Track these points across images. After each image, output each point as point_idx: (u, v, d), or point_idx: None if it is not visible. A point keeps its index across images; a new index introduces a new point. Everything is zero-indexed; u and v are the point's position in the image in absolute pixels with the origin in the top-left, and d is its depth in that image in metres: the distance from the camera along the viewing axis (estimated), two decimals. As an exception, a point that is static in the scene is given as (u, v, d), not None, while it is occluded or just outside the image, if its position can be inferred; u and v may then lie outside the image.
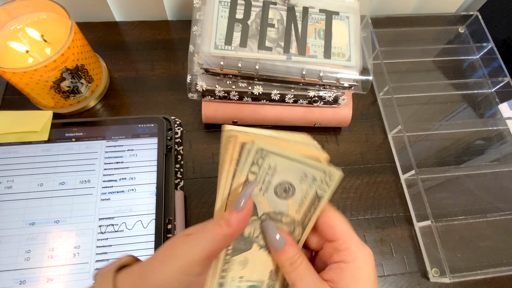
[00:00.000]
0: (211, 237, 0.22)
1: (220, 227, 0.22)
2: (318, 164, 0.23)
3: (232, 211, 0.23)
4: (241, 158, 0.24)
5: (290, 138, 0.26)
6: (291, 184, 0.24)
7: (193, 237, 0.23)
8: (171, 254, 0.22)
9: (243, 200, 0.23)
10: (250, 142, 0.23)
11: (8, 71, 0.38)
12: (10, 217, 0.37)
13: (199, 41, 0.41)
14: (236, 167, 0.24)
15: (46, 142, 0.41)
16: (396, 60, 0.57)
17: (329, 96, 0.44)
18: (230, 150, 0.24)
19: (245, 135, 0.24)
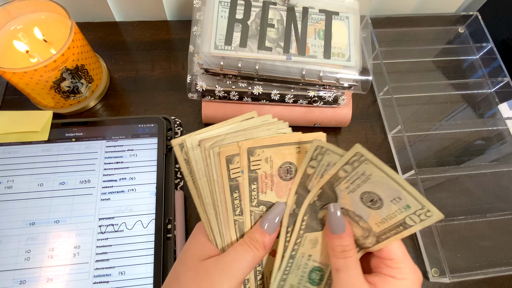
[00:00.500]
0: (249, 260, 0.23)
1: (258, 251, 0.24)
2: (419, 196, 0.22)
3: (265, 234, 0.24)
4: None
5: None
6: (380, 198, 0.24)
7: (229, 263, 0.23)
8: (209, 285, 0.23)
9: (274, 223, 0.24)
10: (236, 149, 0.24)
11: (8, 71, 0.38)
12: (10, 217, 0.37)
13: (199, 41, 0.41)
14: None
15: (46, 142, 0.41)
16: (396, 60, 0.57)
17: (329, 96, 0.44)
18: (213, 166, 0.24)
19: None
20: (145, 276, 0.36)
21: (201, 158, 0.25)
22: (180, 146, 0.25)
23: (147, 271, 0.36)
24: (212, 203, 0.25)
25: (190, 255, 0.25)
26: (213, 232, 0.25)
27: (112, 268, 0.36)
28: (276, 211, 0.25)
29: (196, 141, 0.25)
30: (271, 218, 0.25)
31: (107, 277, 0.36)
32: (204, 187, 0.25)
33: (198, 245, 0.25)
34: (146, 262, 0.37)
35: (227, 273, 0.23)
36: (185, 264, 0.24)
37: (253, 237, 0.24)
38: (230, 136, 0.25)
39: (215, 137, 0.25)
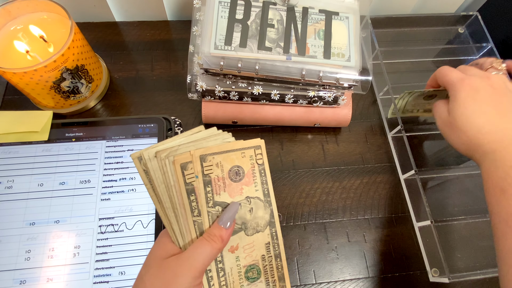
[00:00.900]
0: (209, 251, 0.26)
1: (216, 243, 0.26)
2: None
3: (221, 228, 0.27)
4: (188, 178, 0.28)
5: (204, 138, 0.29)
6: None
7: (189, 256, 0.26)
8: (172, 276, 0.25)
9: (230, 219, 0.27)
10: (189, 157, 0.27)
11: (9, 71, 0.38)
12: (10, 217, 0.37)
13: (199, 41, 0.41)
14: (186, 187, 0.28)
15: (46, 142, 0.41)
16: (396, 60, 0.57)
17: (329, 96, 0.44)
18: (169, 174, 0.27)
19: (176, 154, 0.28)
20: (145, 276, 0.36)
21: (158, 168, 0.27)
22: (139, 159, 0.28)
23: (147, 271, 0.36)
24: (171, 207, 0.28)
25: (153, 256, 0.27)
26: (175, 234, 0.28)
27: (112, 268, 0.36)
28: (232, 209, 0.28)
29: (152, 153, 0.27)
30: (228, 216, 0.27)
31: (107, 277, 0.36)
32: (163, 193, 0.28)
33: (161, 247, 0.28)
34: (146, 262, 0.37)
35: (187, 264, 0.25)
36: (148, 265, 0.27)
37: (211, 232, 0.27)
38: (182, 146, 0.28)
39: (169, 148, 0.28)
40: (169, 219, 0.28)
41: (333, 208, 0.46)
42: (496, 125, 0.32)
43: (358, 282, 0.42)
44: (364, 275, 0.42)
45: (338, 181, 0.47)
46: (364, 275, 0.42)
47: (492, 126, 0.32)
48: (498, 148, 0.31)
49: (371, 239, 0.44)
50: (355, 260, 0.43)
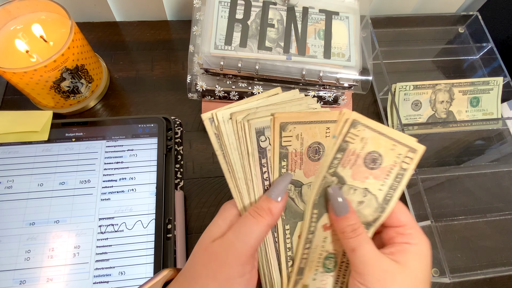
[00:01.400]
0: (256, 229, 0.23)
1: (264, 218, 0.23)
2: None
3: (270, 200, 0.24)
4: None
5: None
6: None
7: (234, 239, 0.23)
8: (218, 266, 0.22)
9: (281, 191, 0.24)
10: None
11: (8, 71, 0.38)
12: (10, 217, 0.37)
13: (199, 41, 0.41)
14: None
15: (46, 142, 0.41)
16: (396, 60, 0.57)
17: (329, 96, 0.44)
18: (247, 139, 0.24)
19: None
20: (145, 276, 0.36)
21: (233, 132, 0.24)
22: (210, 120, 0.25)
23: (147, 271, 0.36)
24: (244, 178, 0.25)
25: (207, 234, 0.25)
26: (246, 208, 0.25)
27: (112, 268, 0.36)
28: (282, 178, 0.25)
29: (227, 114, 0.24)
30: (278, 187, 0.24)
31: (107, 277, 0.36)
32: (236, 162, 0.24)
33: (214, 226, 0.25)
34: (146, 262, 0.37)
35: (233, 250, 0.23)
36: (199, 244, 0.24)
37: (258, 206, 0.24)
38: (262, 109, 0.24)
39: (246, 110, 0.24)
40: (240, 191, 0.25)
41: (333, 208, 0.46)
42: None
43: (358, 282, 0.42)
44: (364, 275, 0.42)
45: (338, 181, 0.47)
46: (364, 275, 0.42)
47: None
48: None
49: (371, 239, 0.44)
50: (355, 260, 0.43)
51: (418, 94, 0.50)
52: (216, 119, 0.24)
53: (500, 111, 0.52)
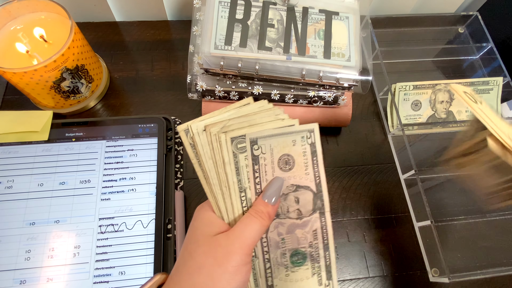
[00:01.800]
0: (257, 228, 0.26)
1: (263, 220, 0.26)
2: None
3: (267, 205, 0.27)
4: (236, 152, 0.27)
5: (254, 112, 0.28)
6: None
7: (240, 233, 0.26)
8: (224, 254, 0.25)
9: (275, 194, 0.27)
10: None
11: (9, 71, 0.38)
12: (10, 217, 0.37)
13: (199, 41, 0.41)
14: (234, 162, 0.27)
15: (46, 142, 0.41)
16: (396, 60, 0.57)
17: (329, 96, 0.44)
18: (223, 150, 0.27)
19: (222, 128, 0.27)
20: (145, 276, 0.36)
21: (207, 143, 0.27)
22: (185, 132, 0.27)
23: (147, 271, 0.36)
24: (218, 184, 0.27)
25: (201, 232, 0.27)
26: (221, 210, 0.27)
27: (112, 268, 0.36)
28: (277, 184, 0.27)
29: (201, 126, 0.27)
30: (272, 191, 0.27)
31: (107, 277, 0.36)
32: (211, 169, 0.27)
33: (206, 223, 0.27)
34: (146, 262, 0.37)
35: (238, 241, 0.25)
36: (197, 242, 0.26)
37: (257, 209, 0.26)
38: (233, 121, 0.27)
39: (219, 122, 0.27)
40: (215, 196, 0.27)
41: (333, 208, 0.46)
42: None
43: (358, 282, 0.42)
44: (364, 275, 0.42)
45: (338, 181, 0.47)
46: (364, 275, 0.42)
47: None
48: None
49: (371, 239, 0.44)
50: (355, 260, 0.43)
51: (418, 94, 0.50)
52: (191, 130, 0.27)
53: (500, 111, 0.52)
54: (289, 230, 0.29)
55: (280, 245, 0.29)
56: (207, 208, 0.28)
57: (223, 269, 0.24)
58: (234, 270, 0.24)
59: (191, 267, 0.25)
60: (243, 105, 0.28)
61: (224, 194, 0.27)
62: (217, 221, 0.27)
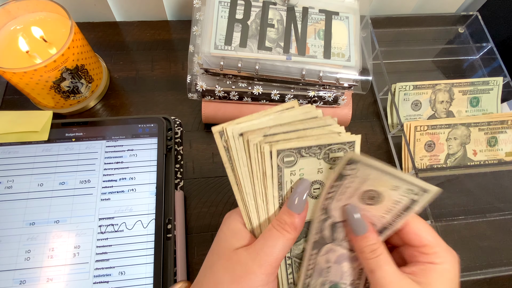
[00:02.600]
0: (281, 243, 0.23)
1: (289, 233, 0.23)
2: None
3: (293, 214, 0.24)
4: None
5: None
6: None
7: (260, 250, 0.23)
8: (243, 273, 0.23)
9: (300, 201, 0.24)
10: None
11: (8, 71, 0.38)
12: (10, 217, 0.37)
13: (199, 41, 0.41)
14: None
15: (46, 142, 0.41)
16: (396, 60, 0.57)
17: (329, 96, 0.44)
18: (266, 162, 0.24)
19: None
20: (145, 276, 0.36)
21: (243, 149, 0.24)
22: (220, 134, 0.24)
23: (147, 271, 0.36)
24: (253, 194, 0.25)
25: (223, 244, 0.25)
26: (252, 222, 0.25)
27: (112, 268, 0.36)
28: (301, 189, 0.24)
29: (237, 130, 0.24)
30: (297, 197, 0.24)
31: (107, 277, 0.36)
32: (245, 177, 0.25)
33: (231, 234, 0.25)
34: (146, 262, 0.37)
35: (258, 260, 0.23)
36: (218, 254, 0.24)
37: (281, 220, 0.24)
38: (277, 129, 0.24)
39: (258, 130, 0.24)
40: (246, 205, 0.25)
41: (333, 208, 0.46)
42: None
43: (358, 282, 0.42)
44: (364, 275, 0.42)
45: (338, 181, 0.47)
46: (364, 275, 0.42)
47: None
48: None
49: (371, 239, 0.44)
50: (355, 260, 0.43)
51: (418, 94, 0.50)
52: (225, 133, 0.24)
53: (500, 111, 0.52)
54: (338, 260, 0.26)
55: (323, 274, 0.26)
56: (235, 217, 0.26)
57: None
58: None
59: (210, 282, 0.24)
60: (285, 109, 0.25)
61: (259, 207, 0.25)
62: (242, 232, 0.25)
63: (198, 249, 0.41)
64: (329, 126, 0.24)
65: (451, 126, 0.47)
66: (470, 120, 0.47)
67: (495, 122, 0.48)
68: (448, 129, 0.47)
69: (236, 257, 0.23)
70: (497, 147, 0.49)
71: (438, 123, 0.47)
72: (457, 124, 0.47)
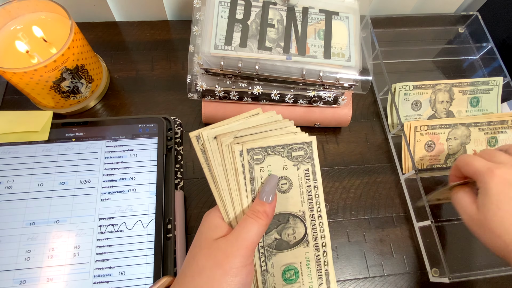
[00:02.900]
0: (256, 229, 0.26)
1: (262, 219, 0.27)
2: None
3: (264, 204, 0.27)
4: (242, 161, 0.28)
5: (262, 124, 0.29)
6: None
7: (237, 236, 0.26)
8: (224, 257, 0.26)
9: (271, 192, 0.28)
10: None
11: (9, 71, 0.38)
12: (10, 217, 0.37)
13: (199, 41, 0.41)
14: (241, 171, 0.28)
15: (46, 142, 0.41)
16: (396, 60, 0.57)
17: (329, 96, 0.44)
18: (237, 159, 0.28)
19: (230, 139, 0.28)
20: (145, 276, 0.36)
21: (218, 150, 0.28)
22: (197, 138, 0.28)
23: (147, 271, 0.36)
24: (228, 190, 0.28)
25: (204, 236, 0.28)
26: (228, 215, 0.28)
27: (112, 268, 0.36)
28: (271, 181, 0.28)
29: (212, 134, 0.28)
30: (268, 190, 0.28)
31: (107, 277, 0.36)
32: (220, 175, 0.28)
33: (211, 228, 0.28)
34: (146, 262, 0.37)
35: (237, 244, 0.26)
36: (200, 246, 0.27)
37: (254, 209, 0.27)
38: (244, 132, 0.28)
39: (229, 133, 0.28)
40: (223, 200, 0.28)
41: (333, 208, 0.46)
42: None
43: (358, 282, 0.42)
44: (364, 275, 0.42)
45: (338, 181, 0.47)
46: (364, 275, 0.42)
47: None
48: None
49: (371, 239, 0.44)
50: (355, 260, 0.43)
51: (418, 94, 0.50)
52: (202, 137, 0.28)
53: (500, 111, 0.52)
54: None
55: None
56: (214, 214, 0.29)
57: (223, 271, 0.25)
58: (234, 272, 0.25)
59: (194, 270, 0.26)
60: (252, 115, 0.29)
61: (234, 201, 0.28)
62: (221, 225, 0.28)
63: (198, 249, 0.41)
64: (287, 127, 0.29)
65: (451, 126, 0.47)
66: (470, 120, 0.47)
67: (495, 122, 0.48)
68: (448, 129, 0.47)
69: (216, 245, 0.26)
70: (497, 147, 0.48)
71: (438, 123, 0.47)
72: (457, 124, 0.47)
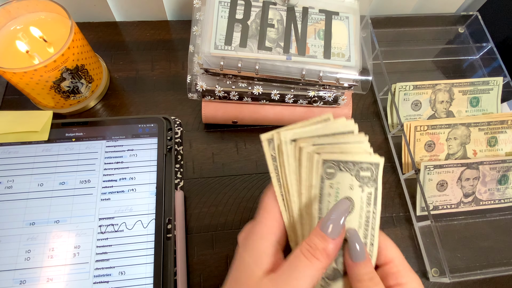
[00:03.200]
0: (309, 273, 0.20)
1: (319, 261, 0.20)
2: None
3: (327, 239, 0.21)
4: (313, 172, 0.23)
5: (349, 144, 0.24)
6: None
7: (286, 281, 0.20)
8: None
9: (336, 224, 0.21)
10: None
11: (8, 71, 0.38)
12: (10, 217, 0.37)
13: (199, 41, 0.41)
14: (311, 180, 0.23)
15: (46, 142, 0.41)
16: (396, 60, 0.57)
17: (329, 96, 0.44)
18: (313, 171, 0.23)
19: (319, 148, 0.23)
20: (145, 276, 0.36)
21: (293, 156, 0.23)
22: (268, 141, 0.24)
23: (147, 271, 0.36)
24: (298, 203, 0.23)
25: (245, 273, 0.22)
26: (297, 235, 0.24)
27: (112, 268, 0.36)
28: (340, 210, 0.21)
29: (289, 136, 0.24)
30: (334, 219, 0.21)
31: (107, 277, 0.36)
32: (292, 185, 0.23)
33: (252, 260, 0.22)
34: (146, 262, 0.37)
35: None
36: (240, 282, 0.22)
37: (312, 244, 0.21)
38: (324, 140, 0.24)
39: (308, 138, 0.23)
40: (293, 216, 0.23)
41: (333, 208, 0.46)
42: None
43: (358, 282, 0.42)
44: (364, 275, 0.42)
45: (338, 181, 0.47)
46: (364, 275, 0.42)
47: None
48: None
49: (371, 239, 0.44)
50: (355, 260, 0.43)
51: (418, 94, 0.50)
52: (277, 139, 0.23)
53: (500, 111, 0.52)
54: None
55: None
56: (260, 235, 0.23)
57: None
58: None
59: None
60: (324, 120, 0.25)
61: (303, 219, 0.23)
62: (268, 252, 0.22)
63: (198, 249, 0.41)
64: (362, 144, 0.24)
65: (451, 126, 0.47)
66: (470, 120, 0.47)
67: (495, 122, 0.48)
68: (448, 129, 0.47)
69: (262, 286, 0.21)
70: (497, 147, 0.49)
71: (438, 123, 0.47)
72: (457, 124, 0.47)
